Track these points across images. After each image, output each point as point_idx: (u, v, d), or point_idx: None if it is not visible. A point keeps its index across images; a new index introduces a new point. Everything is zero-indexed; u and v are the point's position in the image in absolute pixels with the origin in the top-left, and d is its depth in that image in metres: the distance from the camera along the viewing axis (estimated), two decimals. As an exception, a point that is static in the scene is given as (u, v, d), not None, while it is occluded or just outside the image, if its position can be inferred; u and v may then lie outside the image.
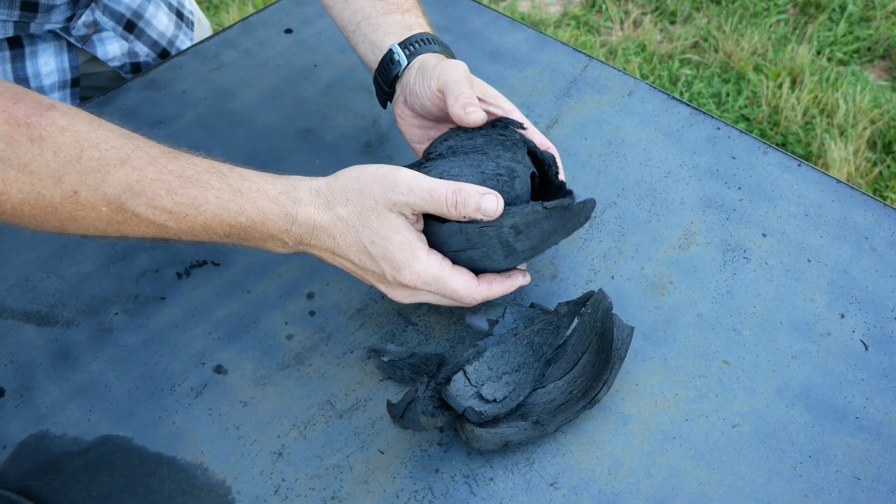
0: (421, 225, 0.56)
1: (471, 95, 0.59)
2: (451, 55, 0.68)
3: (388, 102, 0.70)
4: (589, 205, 0.58)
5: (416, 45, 0.66)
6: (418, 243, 0.54)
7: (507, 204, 0.55)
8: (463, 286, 0.56)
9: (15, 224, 0.54)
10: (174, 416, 0.60)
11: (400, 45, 0.66)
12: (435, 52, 0.66)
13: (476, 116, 0.58)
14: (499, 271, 0.59)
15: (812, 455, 0.57)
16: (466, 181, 0.55)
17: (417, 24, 0.68)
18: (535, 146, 0.60)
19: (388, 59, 0.66)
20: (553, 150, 0.64)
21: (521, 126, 0.60)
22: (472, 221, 0.54)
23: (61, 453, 0.58)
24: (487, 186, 0.55)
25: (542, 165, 0.62)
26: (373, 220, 0.54)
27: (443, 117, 0.64)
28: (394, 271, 0.54)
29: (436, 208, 0.54)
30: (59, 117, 0.51)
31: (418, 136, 0.68)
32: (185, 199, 0.53)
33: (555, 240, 0.58)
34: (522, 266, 0.62)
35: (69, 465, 0.57)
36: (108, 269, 0.70)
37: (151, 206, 0.52)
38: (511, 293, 0.63)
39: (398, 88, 0.67)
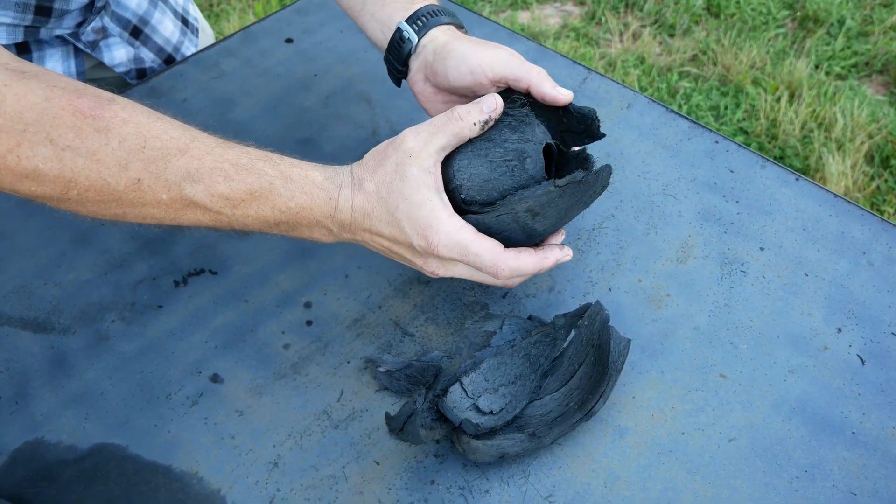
0: (441, 176, 0.56)
1: (546, 75, 0.61)
2: (458, 23, 0.68)
3: (402, 80, 0.70)
4: (605, 172, 0.57)
5: (425, 19, 0.66)
6: (439, 203, 0.54)
7: (521, 186, 0.55)
8: (487, 252, 0.54)
9: (75, 211, 0.56)
10: (170, 424, 0.60)
11: (407, 21, 0.66)
12: (444, 23, 0.66)
13: (569, 95, 0.61)
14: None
15: (808, 470, 0.57)
16: (476, 172, 0.56)
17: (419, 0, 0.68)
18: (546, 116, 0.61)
19: (398, 38, 0.66)
20: (566, 94, 0.61)
21: (525, 97, 0.60)
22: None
23: (56, 461, 0.58)
24: (498, 172, 0.56)
25: (572, 120, 0.62)
26: (396, 183, 0.54)
27: (473, 96, 0.64)
28: (419, 239, 0.54)
29: (447, 132, 0.55)
30: (120, 110, 0.53)
31: (444, 111, 0.67)
32: (241, 185, 0.55)
33: (574, 213, 0.59)
34: (558, 238, 0.61)
35: (64, 473, 0.57)
36: (105, 277, 0.70)
37: (209, 192, 0.54)
38: (537, 275, 0.63)
39: (413, 66, 0.67)
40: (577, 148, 0.63)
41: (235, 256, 0.71)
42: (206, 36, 1.05)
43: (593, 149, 0.81)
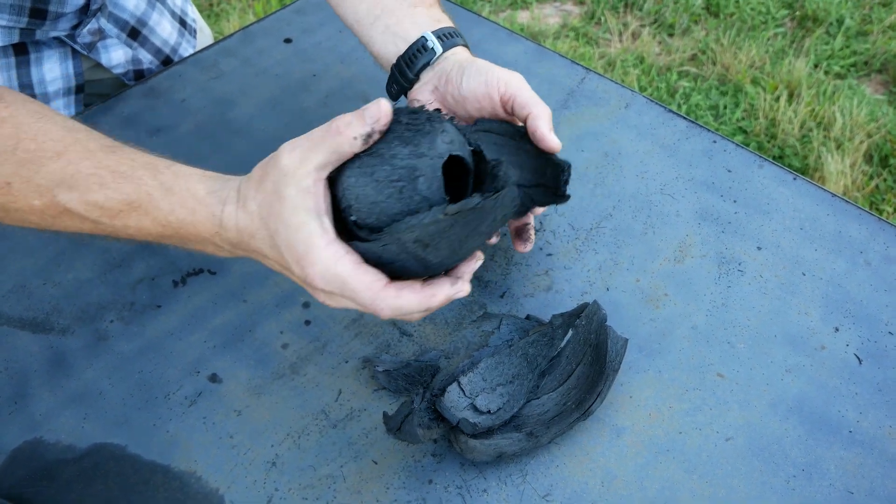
0: (326, 195, 0.48)
1: (549, 116, 0.60)
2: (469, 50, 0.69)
3: (402, 95, 0.69)
4: (506, 198, 0.48)
5: (448, 38, 0.66)
6: (317, 229, 0.47)
7: (413, 210, 0.47)
8: (364, 288, 0.46)
9: None
10: (168, 424, 0.60)
11: (433, 32, 0.66)
12: (462, 45, 0.67)
13: (558, 144, 0.60)
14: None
15: (805, 469, 0.57)
16: (362, 193, 0.47)
17: (445, 19, 0.69)
18: (461, 134, 0.51)
19: (420, 47, 0.65)
20: (556, 142, 0.60)
21: (439, 112, 0.51)
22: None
23: (55, 461, 0.58)
24: (385, 195, 0.47)
25: (547, 172, 0.60)
26: (275, 205, 0.48)
27: (475, 116, 0.64)
28: (297, 268, 0.48)
29: (325, 148, 0.46)
30: (1, 108, 0.51)
31: None
32: (118, 194, 0.51)
33: (475, 243, 0.50)
34: (470, 266, 0.51)
35: (63, 473, 0.57)
36: (104, 277, 0.70)
37: (84, 200, 0.51)
38: (462, 300, 0.60)
39: (425, 77, 0.66)
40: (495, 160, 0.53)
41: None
42: (205, 36, 1.05)
43: (590, 149, 0.81)
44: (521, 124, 0.62)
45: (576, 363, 0.60)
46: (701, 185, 0.77)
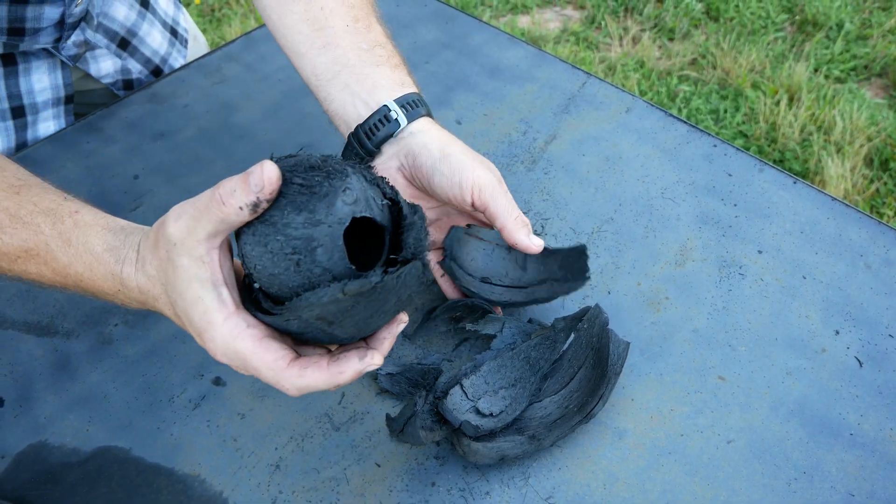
0: (224, 263, 0.44)
1: (527, 223, 0.59)
2: (431, 116, 0.64)
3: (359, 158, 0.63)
4: (409, 276, 0.43)
5: (411, 107, 0.61)
6: (214, 302, 0.43)
7: (313, 283, 0.42)
8: (265, 368, 0.43)
9: None
10: (172, 427, 0.60)
11: (397, 101, 0.61)
12: (424, 116, 0.62)
13: (541, 247, 0.59)
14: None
15: (806, 471, 0.58)
16: (259, 262, 0.42)
17: (409, 83, 0.64)
18: (374, 184, 0.45)
19: (382, 117, 0.61)
20: (538, 244, 0.60)
21: (346, 163, 0.45)
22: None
23: (60, 464, 0.58)
24: (281, 267, 0.42)
25: (553, 264, 0.61)
26: (170, 273, 0.44)
27: (444, 206, 0.62)
28: (199, 340, 0.45)
29: (211, 218, 0.42)
30: None
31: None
32: (15, 241, 0.49)
33: (382, 320, 0.46)
34: (392, 328, 0.48)
35: (67, 476, 0.57)
36: (108, 281, 0.70)
37: None
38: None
39: (388, 151, 0.62)
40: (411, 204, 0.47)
41: (237, 260, 0.72)
42: (198, 45, 1.05)
43: (591, 153, 0.81)
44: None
45: (578, 366, 0.61)
46: (701, 189, 0.78)
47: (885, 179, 1.91)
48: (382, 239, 0.45)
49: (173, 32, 0.98)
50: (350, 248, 0.43)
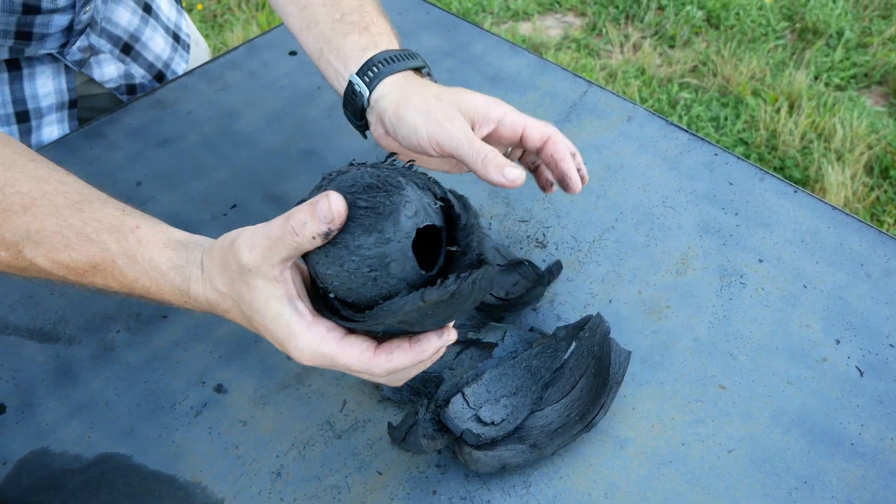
0: (295, 278, 0.48)
1: (496, 155, 0.55)
2: (417, 65, 0.63)
3: (367, 132, 0.66)
4: (482, 280, 0.46)
5: (376, 69, 0.61)
6: (294, 316, 0.46)
7: (389, 293, 0.45)
8: (355, 362, 0.47)
9: None
10: (174, 434, 0.60)
11: (358, 73, 0.62)
12: (398, 71, 0.61)
13: (518, 179, 0.55)
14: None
15: (807, 481, 0.58)
16: (337, 281, 0.46)
17: (373, 44, 0.63)
18: (428, 191, 0.48)
19: (351, 92, 0.62)
20: (514, 176, 0.55)
21: (396, 171, 0.47)
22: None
23: (61, 470, 0.58)
24: (358, 283, 0.45)
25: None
26: (244, 292, 0.47)
27: (437, 156, 0.61)
28: (281, 348, 0.48)
29: (285, 247, 0.45)
30: None
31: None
32: (83, 257, 0.50)
33: (462, 315, 0.49)
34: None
35: (69, 483, 0.57)
36: (110, 287, 0.70)
37: (49, 258, 0.51)
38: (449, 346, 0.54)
39: (371, 119, 0.63)
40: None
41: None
42: (201, 50, 1.05)
43: (592, 162, 0.82)
44: None
45: (579, 375, 0.61)
46: (702, 197, 0.78)
47: (886, 187, 1.92)
48: (439, 236, 0.49)
49: (175, 38, 0.98)
50: (413, 247, 0.46)
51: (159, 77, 0.96)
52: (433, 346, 0.48)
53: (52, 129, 0.86)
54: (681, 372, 0.64)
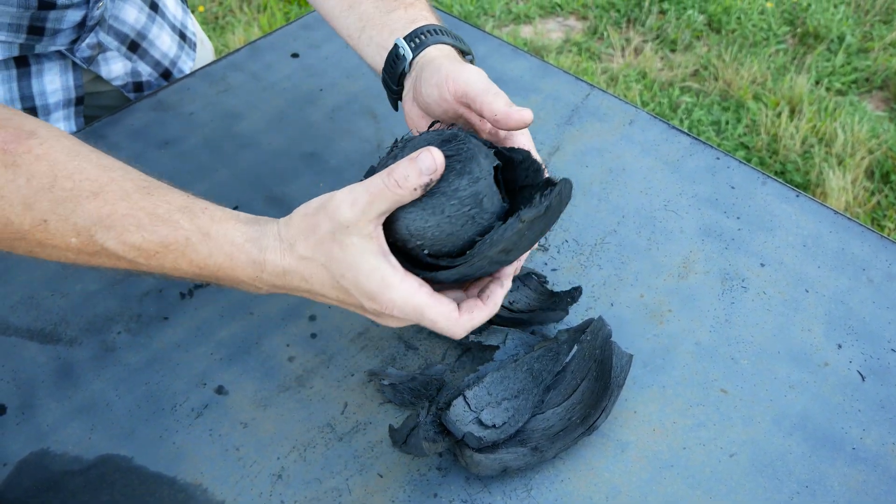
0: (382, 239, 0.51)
1: (507, 99, 0.56)
2: (462, 47, 0.65)
3: (399, 102, 0.67)
4: (565, 190, 0.51)
5: (423, 38, 0.63)
6: (389, 269, 0.50)
7: (485, 228, 0.51)
8: (443, 319, 0.51)
9: None
10: (175, 436, 0.60)
11: (405, 37, 0.63)
12: (444, 42, 0.63)
13: (523, 116, 0.54)
14: None
15: (809, 485, 0.58)
16: (437, 230, 0.50)
17: (422, 17, 0.65)
18: (490, 149, 0.54)
19: (394, 56, 0.64)
20: (519, 115, 0.55)
21: (454, 130, 0.54)
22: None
23: (62, 472, 0.58)
24: (459, 225, 0.50)
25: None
26: (336, 251, 0.50)
27: (444, 115, 0.62)
28: (370, 302, 0.50)
29: (386, 199, 0.48)
30: (36, 145, 0.51)
31: None
32: (155, 237, 0.52)
33: (545, 233, 0.55)
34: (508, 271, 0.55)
35: (69, 484, 0.57)
36: (112, 289, 0.70)
37: (121, 241, 0.52)
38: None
39: (407, 85, 0.64)
40: (515, 146, 0.56)
41: (241, 269, 0.72)
42: (206, 50, 1.06)
43: (594, 165, 0.82)
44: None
45: (581, 378, 0.61)
46: (704, 201, 0.78)
47: (887, 192, 1.92)
48: (496, 177, 0.53)
49: (182, 36, 0.99)
50: None
51: (166, 75, 0.96)
52: (499, 296, 0.53)
53: (59, 125, 0.86)
54: (682, 376, 0.64)
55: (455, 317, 0.51)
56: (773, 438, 0.60)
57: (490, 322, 0.66)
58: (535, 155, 0.57)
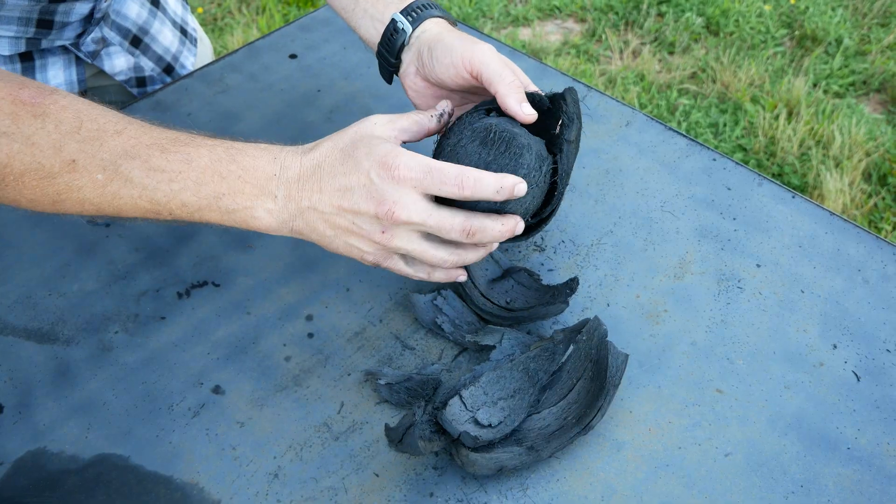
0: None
1: (520, 88, 0.60)
2: (451, 19, 0.68)
3: (395, 76, 0.69)
4: (572, 97, 0.61)
5: (419, 11, 0.66)
6: (400, 147, 0.55)
7: (550, 172, 0.60)
8: (450, 166, 0.54)
9: (13, 203, 0.56)
10: (171, 435, 0.60)
11: (401, 12, 0.66)
12: (437, 16, 0.66)
13: (531, 117, 0.59)
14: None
15: (804, 485, 0.58)
16: (533, 204, 0.60)
17: None
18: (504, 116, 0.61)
19: (392, 30, 0.66)
20: (530, 115, 0.61)
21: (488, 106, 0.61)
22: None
23: (58, 471, 0.58)
24: (542, 186, 0.59)
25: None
26: (356, 139, 0.56)
27: (461, 90, 0.65)
28: (379, 167, 0.54)
29: (409, 117, 0.57)
30: (60, 98, 0.55)
31: (433, 105, 0.68)
32: (178, 155, 0.55)
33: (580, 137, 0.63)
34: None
35: (66, 483, 0.57)
36: (109, 288, 0.70)
37: (146, 167, 0.54)
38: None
39: (406, 59, 0.67)
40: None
41: (238, 269, 0.72)
42: (205, 47, 1.06)
43: (591, 166, 0.82)
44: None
45: (576, 378, 0.61)
46: (701, 202, 0.78)
47: (884, 194, 1.92)
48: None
49: (183, 31, 0.99)
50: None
51: (168, 70, 0.96)
52: (511, 179, 0.56)
53: None
54: (678, 376, 0.64)
55: (463, 167, 0.55)
56: (769, 438, 0.60)
57: (489, 322, 0.66)
58: (532, 87, 0.63)
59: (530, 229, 0.63)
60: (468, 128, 0.59)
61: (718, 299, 0.70)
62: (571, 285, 0.66)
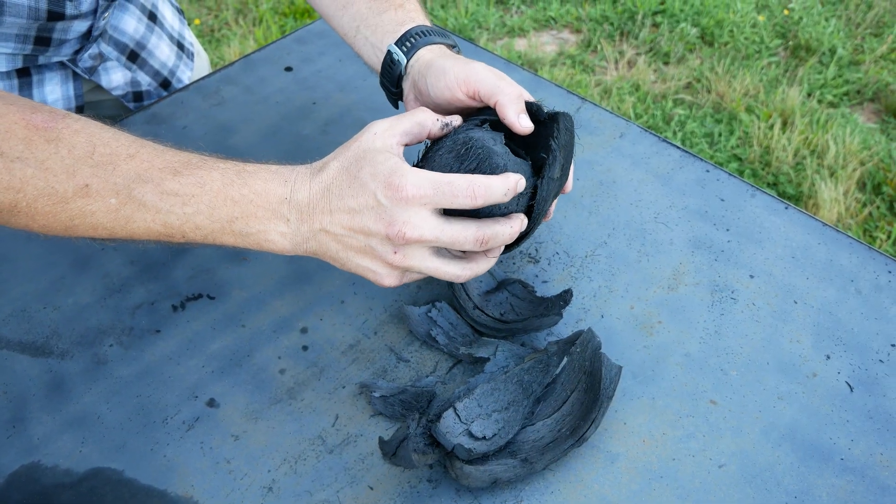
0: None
1: (520, 99, 0.61)
2: (450, 43, 0.69)
3: (400, 102, 0.71)
4: (566, 126, 0.60)
5: (413, 41, 0.67)
6: (405, 164, 0.55)
7: (530, 190, 0.59)
8: (459, 177, 0.54)
9: (26, 227, 0.56)
10: (166, 448, 0.60)
11: (396, 43, 0.67)
12: (434, 43, 0.67)
13: (529, 129, 0.60)
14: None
15: (797, 496, 0.58)
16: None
17: (410, 19, 0.69)
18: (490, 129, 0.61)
19: (389, 61, 0.68)
20: (527, 126, 0.61)
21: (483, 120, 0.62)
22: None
23: (52, 485, 0.58)
24: (512, 204, 0.58)
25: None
26: (360, 156, 0.56)
27: (460, 112, 0.65)
28: (385, 188, 0.53)
29: (411, 119, 0.57)
30: (73, 122, 0.55)
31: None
32: (191, 179, 0.55)
33: (572, 159, 0.63)
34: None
35: (60, 497, 0.57)
36: (104, 302, 0.70)
37: (158, 190, 0.54)
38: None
39: (405, 87, 0.68)
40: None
41: (233, 282, 0.72)
42: (202, 60, 1.07)
43: (585, 178, 0.82)
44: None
45: (570, 390, 0.61)
46: (694, 213, 0.78)
47: (878, 203, 1.93)
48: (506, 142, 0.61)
49: (180, 46, 1.00)
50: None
51: (165, 84, 0.97)
52: (514, 177, 0.56)
53: None
54: (672, 387, 0.64)
55: (471, 176, 0.54)
56: (762, 449, 0.60)
57: (483, 334, 0.66)
58: (528, 96, 0.62)
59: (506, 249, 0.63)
60: (451, 137, 0.59)
61: (712, 310, 0.70)
62: (565, 297, 0.66)
